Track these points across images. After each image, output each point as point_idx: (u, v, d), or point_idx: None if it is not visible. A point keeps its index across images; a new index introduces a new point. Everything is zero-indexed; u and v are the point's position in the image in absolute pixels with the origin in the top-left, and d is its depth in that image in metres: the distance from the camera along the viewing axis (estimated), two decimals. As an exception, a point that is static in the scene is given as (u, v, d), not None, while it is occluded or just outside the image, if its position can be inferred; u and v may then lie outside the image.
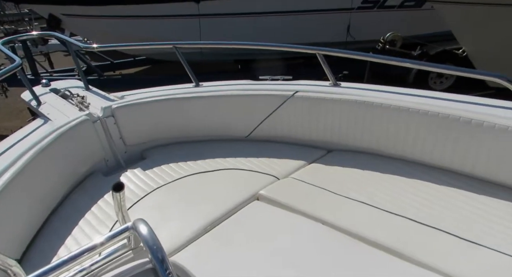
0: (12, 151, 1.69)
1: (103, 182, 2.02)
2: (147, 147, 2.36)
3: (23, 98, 2.52)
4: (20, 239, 1.52)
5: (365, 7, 5.09)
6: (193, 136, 2.38)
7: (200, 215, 1.65)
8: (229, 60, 5.92)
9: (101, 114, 2.14)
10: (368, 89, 2.06)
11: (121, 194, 1.08)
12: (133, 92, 2.42)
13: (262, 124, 2.27)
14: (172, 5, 5.01)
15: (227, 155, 2.18)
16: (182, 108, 2.28)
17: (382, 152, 2.01)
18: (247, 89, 2.28)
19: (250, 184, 1.85)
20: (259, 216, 1.62)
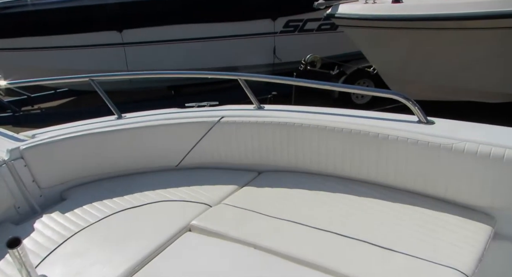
0: None
1: (13, 232, 1.78)
2: (67, 187, 2.16)
3: None
4: None
5: (287, 31, 5.44)
6: (118, 170, 2.24)
7: (127, 255, 1.53)
8: (162, 87, 5.83)
9: (7, 157, 1.92)
10: (290, 111, 2.16)
11: (19, 250, 0.96)
12: (46, 129, 2.23)
13: (191, 152, 2.23)
14: (95, 34, 4.83)
15: (156, 186, 2.09)
16: (103, 142, 2.15)
17: (310, 170, 2.09)
18: (173, 117, 2.24)
19: (181, 215, 1.79)
20: (192, 249, 1.56)
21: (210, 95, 5.47)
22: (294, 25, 5.41)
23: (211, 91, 5.78)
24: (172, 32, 4.99)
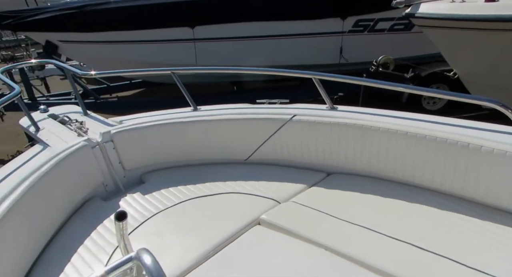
0: (11, 178, 1.67)
1: (102, 207, 1.99)
2: (146, 171, 2.34)
3: (21, 124, 2.52)
4: (17, 269, 1.47)
5: (356, 31, 5.25)
6: (192, 159, 2.37)
7: (201, 240, 1.62)
8: (225, 82, 6.01)
9: (100, 140, 2.14)
10: (364, 113, 2.09)
11: (123, 223, 1.07)
12: (131, 116, 2.43)
13: (261, 148, 2.27)
14: (168, 30, 5.11)
15: (227, 178, 2.16)
16: (180, 132, 2.29)
17: (382, 175, 2.01)
18: (246, 113, 2.30)
19: (251, 209, 1.83)
20: (261, 242, 1.59)
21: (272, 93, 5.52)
22: (364, 25, 5.21)
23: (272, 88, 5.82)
24: (241, 30, 5.10)
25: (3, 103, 1.96)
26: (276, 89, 5.75)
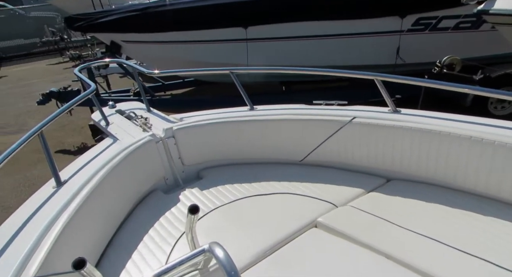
0: (88, 168, 1.81)
1: (163, 199, 2.10)
2: (203, 167, 2.42)
3: (93, 118, 2.73)
4: (93, 250, 1.60)
5: (416, 30, 4.96)
6: (248, 158, 2.41)
7: (258, 239, 1.63)
8: (274, 82, 6.01)
9: (163, 135, 2.25)
10: (430, 117, 1.96)
11: (195, 217, 1.11)
12: (191, 114, 2.52)
13: (317, 149, 2.24)
14: (222, 30, 5.24)
15: (282, 178, 2.16)
16: (238, 130, 2.33)
17: (448, 184, 1.87)
18: (302, 113, 2.28)
19: (307, 211, 1.81)
20: (319, 245, 1.57)
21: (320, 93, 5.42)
22: (425, 23, 4.90)
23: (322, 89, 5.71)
24: (294, 30, 5.07)
25: (81, 99, 2.14)
26: (325, 90, 5.63)
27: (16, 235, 1.34)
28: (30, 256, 1.24)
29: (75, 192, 1.59)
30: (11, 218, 1.48)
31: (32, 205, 1.54)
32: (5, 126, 6.62)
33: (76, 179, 1.71)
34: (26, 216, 1.46)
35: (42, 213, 1.47)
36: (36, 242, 1.30)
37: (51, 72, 11.12)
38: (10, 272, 1.16)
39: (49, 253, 1.27)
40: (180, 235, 1.74)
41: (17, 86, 9.78)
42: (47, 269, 1.23)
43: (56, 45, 13.47)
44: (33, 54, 14.18)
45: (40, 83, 9.65)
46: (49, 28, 13.36)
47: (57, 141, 5.54)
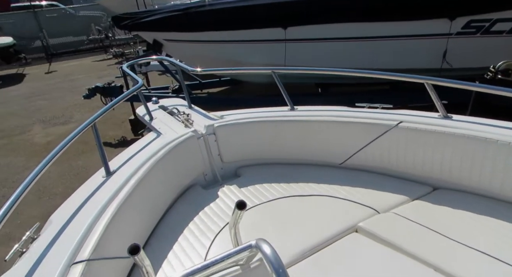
0: (134, 160, 1.89)
1: (202, 194, 2.14)
2: (241, 165, 2.44)
3: (138, 112, 2.84)
4: (137, 239, 1.66)
5: (466, 33, 4.68)
6: (286, 158, 2.39)
7: (297, 239, 1.62)
8: (310, 83, 5.94)
9: (205, 132, 2.30)
10: (486, 124, 1.84)
11: (242, 212, 1.12)
12: (232, 112, 2.55)
13: (358, 153, 2.18)
14: (261, 30, 5.25)
15: (321, 180, 2.13)
16: (277, 130, 2.33)
17: (504, 197, 1.74)
18: (344, 115, 2.23)
19: (347, 215, 1.77)
20: (360, 250, 1.53)
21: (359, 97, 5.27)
22: (477, 26, 4.61)
23: (359, 92, 5.56)
24: (335, 31, 4.98)
25: (130, 94, 2.23)
26: (363, 93, 5.48)
27: (71, 220, 1.42)
28: (84, 240, 1.31)
29: (123, 182, 1.66)
30: (66, 203, 1.58)
31: (85, 192, 1.63)
32: (54, 118, 7.07)
33: (123, 170, 1.78)
34: (80, 202, 1.54)
35: (94, 200, 1.55)
36: (89, 227, 1.37)
37: (96, 68, 11.75)
38: (66, 253, 1.23)
39: (100, 238, 1.34)
40: (219, 231, 1.76)
41: (65, 80, 10.43)
42: (98, 253, 1.29)
43: (101, 43, 14.22)
44: (80, 51, 15.05)
45: (85, 79, 10.22)
46: (95, 27, 14.13)
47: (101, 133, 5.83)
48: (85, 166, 4.81)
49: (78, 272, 1.16)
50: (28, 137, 6.18)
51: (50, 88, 9.63)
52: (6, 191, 4.37)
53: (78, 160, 5.00)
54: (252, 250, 1.00)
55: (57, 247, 1.27)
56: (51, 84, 10.20)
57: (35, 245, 1.29)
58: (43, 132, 6.35)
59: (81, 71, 11.58)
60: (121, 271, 1.45)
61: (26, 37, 14.11)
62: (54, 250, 1.25)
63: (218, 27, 5.53)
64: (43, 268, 1.17)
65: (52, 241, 1.30)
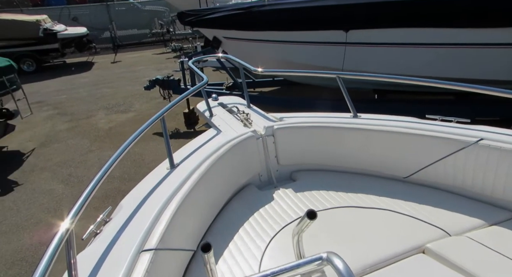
0: (196, 155, 1.95)
1: (257, 195, 2.14)
2: (297, 169, 2.40)
3: (198, 108, 2.93)
4: (196, 233, 1.71)
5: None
6: (345, 167, 2.31)
7: (357, 254, 1.55)
8: (367, 89, 5.71)
9: (264, 132, 2.30)
10: None
11: (310, 223, 1.09)
12: (291, 114, 2.52)
13: (427, 168, 2.02)
14: (321, 32, 5.14)
15: (382, 194, 2.02)
16: (339, 137, 2.25)
17: None
18: (413, 127, 2.09)
19: (413, 233, 1.66)
20: (427, 272, 1.42)
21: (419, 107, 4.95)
22: None
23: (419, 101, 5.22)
24: (399, 35, 4.72)
25: (196, 90, 2.30)
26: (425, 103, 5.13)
27: (139, 207, 1.51)
28: (152, 228, 1.38)
29: (186, 176, 1.71)
30: (135, 190, 1.67)
31: (151, 182, 1.71)
32: (116, 105, 7.59)
33: (187, 163, 1.85)
34: (147, 191, 1.63)
35: (160, 191, 1.63)
36: (156, 217, 1.44)
37: (155, 61, 12.40)
38: (136, 240, 1.30)
39: (166, 229, 1.39)
40: (274, 234, 1.74)
41: (128, 71, 11.15)
42: (164, 243, 1.35)
43: (162, 37, 14.99)
44: (143, 43, 16.00)
45: (145, 70, 10.84)
46: (158, 21, 14.92)
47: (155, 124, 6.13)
48: (141, 153, 5.10)
49: (147, 260, 1.22)
50: (93, 122, 6.70)
51: (114, 77, 10.37)
52: (72, 170, 4.79)
53: (135, 147, 5.30)
54: (321, 263, 0.96)
55: (127, 232, 1.35)
56: (115, 73, 10.97)
57: (108, 228, 1.39)
58: (106, 118, 6.85)
59: (142, 62, 12.31)
60: (181, 263, 1.51)
61: (97, 28, 15.32)
62: (124, 235, 1.33)
63: (279, 27, 5.51)
64: (116, 251, 1.25)
65: (123, 226, 1.38)
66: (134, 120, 6.55)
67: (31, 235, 3.42)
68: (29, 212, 3.83)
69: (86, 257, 1.23)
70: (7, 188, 4.36)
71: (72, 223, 1.10)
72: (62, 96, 8.70)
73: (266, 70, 2.84)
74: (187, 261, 1.58)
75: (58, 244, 1.01)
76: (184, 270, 1.55)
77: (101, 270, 1.16)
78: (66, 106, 7.81)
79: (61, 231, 1.06)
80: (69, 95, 8.79)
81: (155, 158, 4.97)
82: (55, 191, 4.24)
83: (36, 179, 4.57)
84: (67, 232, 1.06)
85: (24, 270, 2.96)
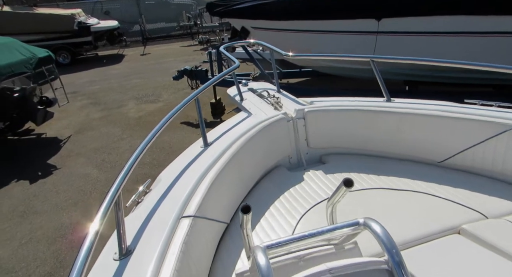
0: (228, 135, 1.99)
1: (287, 176, 2.16)
2: (326, 153, 2.40)
3: (229, 93, 2.97)
4: (228, 209, 1.76)
5: None
6: (376, 150, 2.28)
7: (391, 231, 1.53)
8: (398, 79, 5.53)
9: (294, 115, 2.30)
10: None
11: (347, 191, 1.09)
12: (322, 99, 2.51)
13: (464, 152, 1.96)
14: (352, 21, 5.02)
15: (415, 177, 1.98)
16: (371, 120, 2.22)
17: None
18: (450, 111, 2.02)
19: (448, 215, 1.63)
20: (461, 252, 1.40)
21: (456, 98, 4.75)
22: None
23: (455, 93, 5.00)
24: (434, 24, 4.52)
25: (227, 73, 2.34)
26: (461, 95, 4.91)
27: (176, 180, 1.59)
28: (189, 198, 1.46)
29: (219, 154, 1.77)
30: (171, 165, 1.76)
31: (186, 158, 1.79)
32: (145, 96, 7.82)
33: (219, 143, 1.90)
34: (183, 166, 1.71)
35: (195, 167, 1.70)
36: (193, 188, 1.51)
37: (183, 53, 12.61)
38: (176, 207, 1.38)
39: (202, 200, 1.46)
40: (305, 212, 1.76)
41: (157, 63, 11.42)
42: (201, 212, 1.42)
43: (189, 29, 15.19)
44: (171, 36, 16.30)
45: (173, 62, 11.05)
46: (186, 14, 15.12)
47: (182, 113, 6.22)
48: (169, 142, 5.24)
49: (187, 225, 1.29)
50: (124, 111, 6.94)
51: (144, 69, 10.65)
52: (105, 156, 5.00)
53: (163, 136, 5.45)
54: (358, 227, 0.95)
55: (167, 201, 1.42)
56: (144, 65, 11.27)
57: (149, 198, 1.47)
58: (136, 107, 7.07)
59: (170, 55, 12.55)
60: (215, 233, 1.57)
61: (128, 22, 15.75)
62: (165, 203, 1.41)
63: (309, 17, 5.43)
64: (158, 216, 1.33)
65: (162, 196, 1.46)
66: (163, 109, 6.72)
67: (69, 215, 3.63)
68: (67, 194, 4.05)
69: (131, 221, 1.31)
70: (47, 172, 4.63)
71: (119, 187, 1.16)
72: (95, 87, 9.05)
73: (297, 54, 2.82)
74: (221, 232, 1.63)
75: (109, 204, 1.08)
76: (218, 241, 1.60)
77: (145, 232, 1.24)
78: (99, 96, 8.13)
79: (111, 192, 1.12)
80: (102, 85, 9.14)
81: (182, 146, 5.07)
82: (90, 175, 4.45)
83: (72, 164, 4.82)
84: (116, 193, 1.13)
85: (64, 246, 3.15)
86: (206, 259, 1.43)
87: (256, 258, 0.80)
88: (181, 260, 1.14)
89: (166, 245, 1.18)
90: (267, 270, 0.76)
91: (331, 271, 0.80)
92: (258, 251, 0.82)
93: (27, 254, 3.09)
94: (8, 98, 4.72)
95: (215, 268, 1.47)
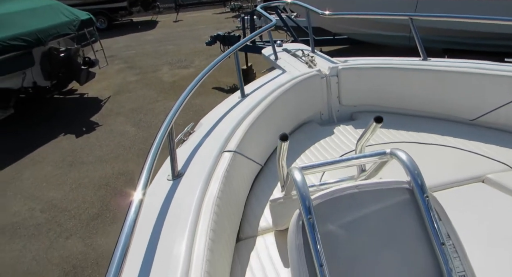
0: (263, 89, 2.11)
1: (318, 130, 2.26)
2: (358, 111, 2.46)
3: (263, 53, 3.05)
4: (263, 154, 1.92)
5: None
6: (408, 108, 2.31)
7: None
8: (437, 48, 5.29)
9: (328, 72, 2.36)
10: None
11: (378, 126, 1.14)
12: (356, 58, 2.53)
13: (498, 110, 1.96)
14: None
15: (446, 133, 2.01)
16: (405, 78, 2.23)
17: None
18: (488, 68, 1.99)
19: (474, 166, 1.68)
20: (484, 198, 1.47)
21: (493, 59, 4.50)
22: None
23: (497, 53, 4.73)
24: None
25: (264, 30, 2.40)
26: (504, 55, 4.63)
27: (217, 124, 1.76)
28: (229, 138, 1.62)
29: (255, 104, 1.91)
30: (212, 112, 1.92)
31: (225, 106, 1.95)
32: (178, 61, 7.99)
33: (255, 95, 2.03)
34: (222, 113, 1.87)
35: (233, 114, 1.86)
36: (232, 130, 1.67)
37: (215, 20, 12.54)
38: (219, 144, 1.55)
39: (241, 140, 1.61)
40: None
41: (189, 29, 11.48)
42: (239, 149, 1.58)
43: (221, -4, 14.97)
44: (203, 3, 16.16)
45: (205, 29, 11.06)
46: (219, -20, 14.83)
47: (214, 79, 6.39)
48: (201, 104, 5.43)
49: (228, 158, 1.46)
50: (159, 75, 7.18)
51: (177, 35, 10.77)
52: (142, 116, 5.30)
53: (196, 99, 5.65)
54: (385, 156, 1.03)
55: (210, 139, 1.61)
56: (177, 31, 11.37)
57: (193, 137, 1.64)
58: (169, 72, 7.29)
59: (202, 22, 12.53)
60: (251, 171, 1.74)
61: (161, -12, 15.72)
62: (208, 140, 1.59)
63: None
64: (203, 150, 1.51)
65: (205, 135, 1.63)
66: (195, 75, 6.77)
67: (112, 166, 3.97)
68: (109, 148, 4.40)
69: (180, 153, 1.49)
70: (91, 128, 5.01)
71: (172, 119, 1.32)
72: (131, 52, 9.34)
73: (333, 13, 2.81)
74: (256, 172, 1.80)
75: (163, 134, 1.24)
76: (253, 180, 1.77)
77: (193, 161, 1.42)
78: (135, 61, 8.42)
79: (164, 124, 1.29)
80: (137, 50, 9.41)
81: (215, 110, 5.28)
82: (128, 133, 4.78)
83: (112, 122, 5.16)
84: (169, 125, 1.29)
85: (108, 193, 3.50)
86: (243, 191, 1.60)
87: (293, 175, 0.91)
88: (223, 186, 1.30)
89: (211, 172, 1.34)
90: (303, 186, 0.87)
91: (358, 187, 0.91)
92: (295, 170, 0.94)
93: (77, 197, 3.47)
94: (56, 57, 5.04)
95: (250, 200, 1.64)
